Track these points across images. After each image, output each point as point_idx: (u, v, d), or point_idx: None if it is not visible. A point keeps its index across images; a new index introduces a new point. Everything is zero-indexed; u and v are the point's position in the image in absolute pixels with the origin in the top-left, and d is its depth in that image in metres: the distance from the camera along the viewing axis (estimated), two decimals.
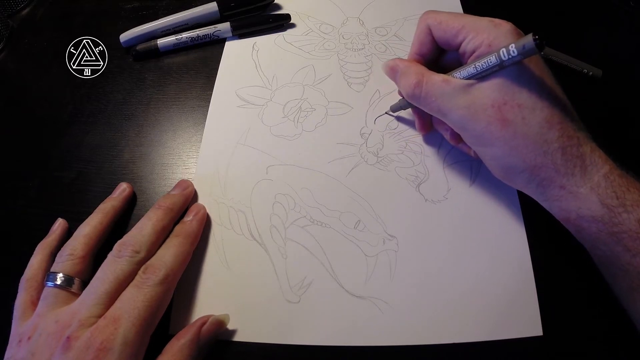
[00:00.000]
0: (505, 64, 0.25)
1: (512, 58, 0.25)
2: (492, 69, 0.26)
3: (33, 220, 0.34)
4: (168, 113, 0.39)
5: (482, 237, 0.31)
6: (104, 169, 0.37)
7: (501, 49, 0.25)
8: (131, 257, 0.27)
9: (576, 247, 0.28)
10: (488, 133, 0.27)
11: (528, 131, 0.26)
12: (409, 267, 0.31)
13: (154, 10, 0.47)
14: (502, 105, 0.26)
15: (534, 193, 0.28)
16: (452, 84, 0.28)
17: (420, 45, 0.31)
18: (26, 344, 0.25)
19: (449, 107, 0.28)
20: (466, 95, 0.27)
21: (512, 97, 0.26)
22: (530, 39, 0.24)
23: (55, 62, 0.44)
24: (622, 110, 0.37)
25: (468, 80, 0.28)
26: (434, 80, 0.29)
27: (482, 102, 0.27)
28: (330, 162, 0.35)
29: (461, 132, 0.29)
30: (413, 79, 0.30)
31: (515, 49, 0.24)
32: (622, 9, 0.44)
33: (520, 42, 0.24)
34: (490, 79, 0.27)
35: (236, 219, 0.33)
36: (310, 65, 0.41)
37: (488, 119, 0.26)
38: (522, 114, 0.26)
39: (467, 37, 0.28)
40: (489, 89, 0.27)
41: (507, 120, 0.26)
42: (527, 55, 0.24)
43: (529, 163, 0.26)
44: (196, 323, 0.27)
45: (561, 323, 0.28)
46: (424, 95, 0.29)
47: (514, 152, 0.26)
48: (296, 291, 0.30)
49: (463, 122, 0.28)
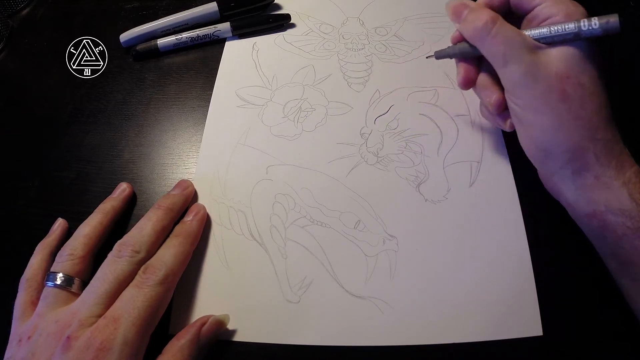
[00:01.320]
0: (582, 34, 0.25)
1: (591, 30, 0.25)
2: (566, 36, 0.26)
3: (33, 220, 0.34)
4: (168, 113, 0.39)
5: (482, 237, 0.31)
6: (104, 169, 0.37)
7: (582, 20, 0.25)
8: (131, 257, 0.27)
9: (576, 247, 0.28)
10: (544, 100, 0.26)
11: (582, 113, 0.26)
12: (409, 267, 0.31)
13: (154, 10, 0.47)
14: (565, 78, 0.26)
15: (565, 179, 0.27)
16: (523, 38, 0.27)
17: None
18: (26, 344, 0.25)
19: (515, 56, 0.27)
20: (534, 54, 0.27)
21: (577, 74, 0.26)
22: (616, 17, 0.24)
23: (55, 62, 0.44)
24: (622, 110, 0.37)
25: (538, 43, 0.27)
26: (506, 26, 0.27)
27: (547, 67, 0.26)
28: (330, 162, 0.35)
29: (515, 91, 0.28)
30: (486, 15, 0.28)
31: (598, 22, 0.24)
32: (622, 9, 0.44)
33: (604, 18, 0.24)
34: (560, 49, 0.26)
35: (236, 219, 0.33)
36: (310, 65, 0.41)
37: (549, 83, 0.26)
38: (581, 93, 0.26)
39: (545, 2, 0.27)
40: (557, 57, 0.26)
41: (566, 94, 0.26)
42: (607, 33, 0.24)
43: (573, 144, 0.26)
44: (196, 323, 0.27)
45: (561, 323, 0.28)
46: (494, 33, 0.27)
47: (564, 128, 0.26)
48: (296, 291, 0.30)
49: (522, 79, 0.27)
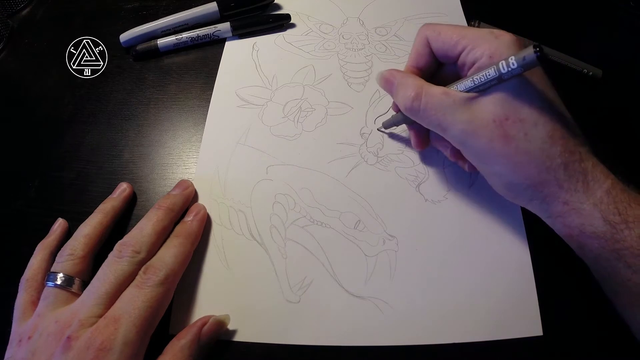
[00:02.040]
0: (504, 77, 0.24)
1: (511, 71, 0.24)
2: (491, 83, 0.25)
3: (33, 220, 0.34)
4: (168, 113, 0.39)
5: (482, 237, 0.31)
6: (104, 169, 0.37)
7: (500, 62, 0.24)
8: (132, 258, 0.27)
9: None
10: (490, 149, 0.26)
11: (530, 147, 0.25)
12: (409, 267, 0.31)
13: (154, 10, 0.47)
14: (504, 121, 0.25)
15: (537, 209, 0.27)
16: (452, 97, 0.27)
17: (417, 57, 0.30)
18: (26, 344, 0.25)
19: (449, 121, 0.27)
20: (467, 110, 0.26)
21: (514, 112, 0.25)
22: (531, 50, 0.23)
23: (55, 62, 0.44)
24: (622, 110, 0.37)
25: (468, 94, 0.27)
26: (433, 93, 0.28)
27: (483, 117, 0.26)
28: (330, 162, 0.35)
29: (461, 148, 0.28)
30: (411, 91, 0.28)
31: (515, 61, 0.23)
32: (622, 9, 0.44)
33: (520, 54, 0.23)
34: (491, 93, 0.26)
35: (236, 219, 0.33)
36: (310, 65, 0.41)
37: (490, 135, 0.26)
38: (524, 129, 0.25)
39: (467, 48, 0.27)
40: (491, 103, 0.26)
41: (509, 136, 0.25)
42: (528, 68, 0.24)
43: (532, 180, 0.26)
44: (197, 323, 0.27)
45: (561, 323, 0.28)
46: (422, 108, 0.28)
47: (516, 168, 0.26)
48: (296, 291, 0.30)
49: (463, 137, 0.27)
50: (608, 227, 0.24)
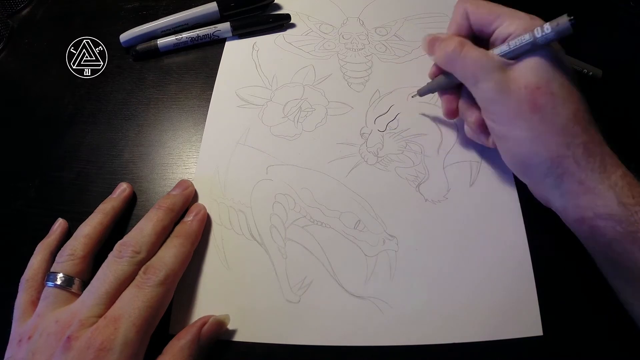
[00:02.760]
0: (538, 42, 0.26)
1: (545, 36, 0.25)
2: (524, 47, 0.26)
3: (33, 220, 0.34)
4: (168, 113, 0.39)
5: (482, 237, 0.31)
6: (104, 169, 0.37)
7: (535, 28, 0.26)
8: (132, 258, 0.27)
9: (576, 247, 0.28)
10: (516, 113, 0.27)
11: (556, 121, 0.26)
12: (409, 267, 0.31)
13: (154, 10, 0.47)
14: (535, 89, 0.26)
15: (549, 188, 0.27)
16: (490, 57, 0.28)
17: (457, 27, 0.31)
18: (26, 344, 0.25)
19: (484, 75, 0.28)
20: (502, 71, 0.27)
21: (546, 84, 0.26)
22: (565, 18, 0.25)
23: (55, 62, 0.44)
24: (622, 110, 0.37)
25: (505, 60, 0.28)
26: (474, 48, 0.29)
27: (516, 81, 0.27)
28: (330, 162, 0.35)
29: (488, 107, 0.29)
30: (455, 40, 0.29)
31: (549, 26, 0.25)
32: (622, 9, 0.44)
33: (554, 21, 0.25)
34: (526, 60, 0.27)
35: (236, 219, 0.33)
36: (310, 65, 0.41)
37: (519, 97, 0.27)
38: (553, 102, 0.26)
39: (503, 23, 0.28)
40: (525, 70, 0.27)
41: (537, 105, 0.26)
42: (561, 35, 0.25)
43: (551, 152, 0.26)
44: (197, 323, 0.27)
45: (561, 323, 0.28)
46: (462, 56, 0.29)
47: (538, 138, 0.26)
48: (296, 291, 0.30)
49: (493, 94, 0.28)
50: (622, 208, 0.24)
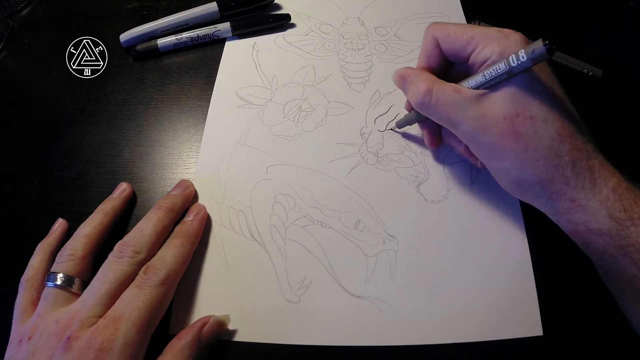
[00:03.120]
0: (514, 70, 0.25)
1: (521, 64, 0.24)
2: (501, 77, 0.26)
3: (33, 220, 0.34)
4: (168, 113, 0.39)
5: (483, 237, 0.31)
6: (104, 169, 0.37)
7: (510, 56, 0.25)
8: (132, 258, 0.27)
9: (576, 248, 0.28)
10: (499, 146, 0.26)
11: (540, 144, 0.25)
12: (409, 267, 0.31)
13: (154, 10, 0.47)
14: (514, 118, 0.26)
15: (543, 206, 0.28)
16: (462, 94, 0.27)
17: (427, 57, 0.30)
18: (26, 344, 0.25)
19: (460, 117, 0.27)
20: (477, 106, 0.27)
21: (524, 109, 0.25)
22: (540, 44, 0.23)
23: (55, 62, 0.44)
24: (622, 110, 0.37)
25: (479, 90, 0.27)
26: (444, 89, 0.28)
27: (493, 114, 0.26)
28: (330, 162, 0.35)
29: (471, 144, 0.29)
30: (423, 86, 0.29)
31: (525, 54, 0.24)
32: (622, 9, 0.44)
33: (529, 47, 0.24)
34: (501, 90, 0.26)
35: (236, 219, 0.33)
36: (310, 65, 0.41)
37: (500, 131, 0.26)
38: (534, 126, 0.25)
39: (477, 47, 0.27)
40: (501, 100, 0.26)
41: (519, 133, 0.26)
42: (537, 61, 0.24)
43: (540, 177, 0.26)
44: (197, 323, 0.27)
45: (561, 323, 0.28)
46: (433, 103, 0.28)
47: (525, 165, 0.26)
48: (296, 291, 0.30)
49: (473, 133, 0.27)
50: (614, 223, 0.24)
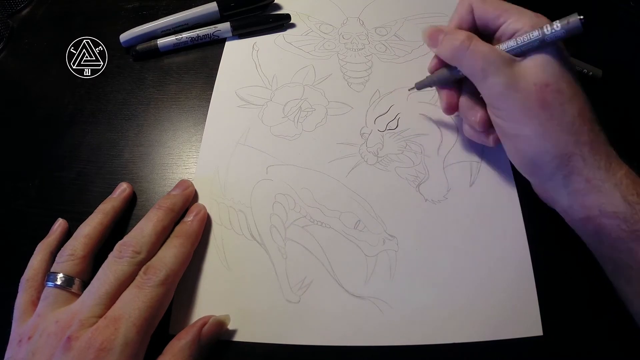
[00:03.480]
0: (547, 39, 0.26)
1: (554, 33, 0.25)
2: (532, 44, 0.26)
3: (33, 220, 0.34)
4: (168, 113, 0.39)
5: (482, 237, 0.31)
6: (104, 169, 0.37)
7: (545, 25, 0.26)
8: (132, 258, 0.27)
9: (576, 247, 0.28)
10: (525, 109, 0.27)
11: (564, 119, 0.26)
12: (409, 267, 0.31)
13: (154, 10, 0.47)
14: (544, 87, 0.26)
15: (557, 186, 0.27)
16: (499, 52, 0.28)
17: (460, 21, 0.31)
18: (26, 344, 0.25)
19: (492, 70, 0.27)
20: (511, 67, 0.27)
21: (555, 81, 0.26)
22: (575, 16, 0.25)
23: (55, 62, 0.44)
24: (622, 110, 0.37)
25: (512, 56, 0.28)
26: (482, 43, 0.28)
27: (525, 78, 0.27)
28: (330, 162, 0.35)
29: (496, 104, 0.28)
30: (462, 34, 0.29)
31: (559, 24, 0.25)
32: (622, 9, 0.44)
33: (564, 19, 0.25)
34: (534, 57, 0.27)
35: (236, 219, 0.33)
36: (310, 65, 0.41)
37: (528, 94, 0.26)
38: (561, 99, 0.26)
39: (509, 19, 0.28)
40: (534, 67, 0.27)
41: (546, 102, 0.26)
42: (571, 33, 0.25)
43: (561, 150, 0.26)
44: (197, 323, 0.27)
45: (561, 323, 0.28)
46: (470, 50, 0.28)
47: (548, 135, 0.26)
48: (296, 291, 0.30)
49: (502, 89, 0.27)
50: (627, 207, 0.25)
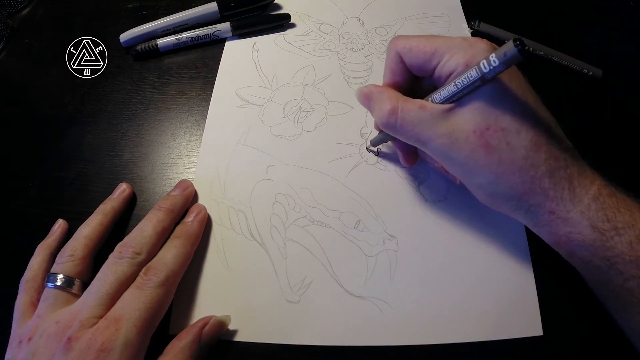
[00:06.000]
0: (487, 76, 0.23)
1: (494, 69, 0.23)
2: (474, 84, 0.24)
3: (33, 220, 0.34)
4: (168, 113, 0.39)
5: (482, 237, 0.31)
6: (104, 169, 0.37)
7: (481, 62, 0.23)
8: (132, 259, 0.27)
9: None
10: (472, 161, 0.25)
11: (514, 156, 0.24)
12: (409, 267, 0.31)
13: (154, 10, 0.47)
14: (485, 131, 0.24)
15: (523, 219, 0.27)
16: (429, 110, 0.26)
17: (392, 74, 0.29)
18: (26, 345, 0.25)
19: (428, 135, 0.26)
20: (445, 122, 0.25)
21: (495, 121, 0.24)
22: (511, 45, 0.21)
23: (55, 62, 0.44)
24: (622, 110, 0.37)
25: (446, 105, 0.26)
26: (409, 107, 0.26)
27: (463, 129, 0.25)
28: (330, 162, 0.35)
29: (443, 162, 0.27)
30: (387, 105, 0.27)
31: (496, 58, 0.22)
32: (622, 9, 0.44)
33: (500, 50, 0.22)
34: (469, 103, 0.25)
35: (236, 219, 0.33)
36: (310, 65, 0.41)
37: (471, 146, 0.25)
38: (506, 138, 0.24)
39: (442, 59, 0.26)
40: (470, 113, 0.25)
41: (491, 147, 0.24)
42: (510, 64, 0.22)
43: (516, 190, 0.25)
44: (197, 324, 0.27)
45: (561, 323, 0.28)
46: (399, 123, 0.27)
47: (500, 180, 0.25)
48: (296, 291, 0.30)
49: (444, 150, 0.26)
50: (597, 234, 0.24)
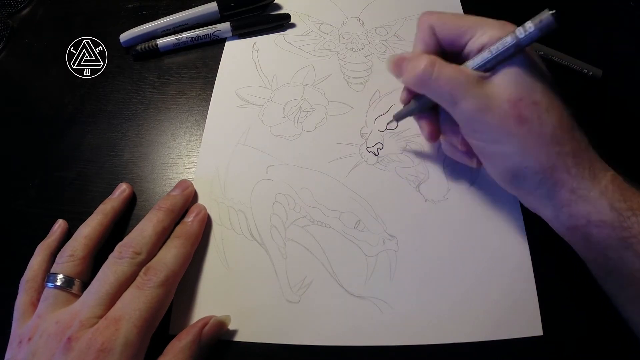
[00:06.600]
0: (522, 42, 0.24)
1: (529, 35, 0.24)
2: (508, 52, 0.25)
3: (33, 220, 0.35)
4: (168, 113, 0.39)
5: (482, 237, 0.31)
6: (104, 169, 0.37)
7: (517, 29, 0.24)
8: (132, 259, 0.27)
9: None
10: (502, 128, 0.26)
11: (543, 131, 0.25)
12: (409, 267, 0.31)
13: (154, 10, 0.47)
14: (518, 102, 0.25)
15: (542, 198, 0.27)
16: (465, 73, 0.26)
17: (423, 45, 0.29)
18: (26, 345, 0.25)
19: (461, 94, 0.26)
20: (479, 88, 0.26)
21: (529, 94, 0.25)
22: (547, 12, 0.23)
23: (55, 62, 0.44)
24: (622, 110, 0.37)
25: (482, 73, 0.27)
26: (446, 66, 0.27)
27: (497, 96, 0.26)
28: (330, 162, 0.35)
29: (469, 126, 0.27)
30: (424, 60, 0.27)
31: (532, 24, 0.24)
32: (622, 9, 0.44)
33: (536, 18, 0.24)
34: (503, 72, 0.26)
35: (236, 219, 0.33)
36: (310, 65, 0.41)
37: (503, 113, 0.25)
38: (538, 112, 0.25)
39: (475, 35, 0.27)
40: (504, 82, 0.26)
41: (523, 118, 0.25)
42: (545, 31, 0.24)
43: (543, 164, 0.25)
44: (197, 324, 0.27)
45: (561, 323, 0.28)
46: (435, 76, 0.27)
47: (528, 151, 0.26)
48: (296, 291, 0.30)
49: (474, 113, 0.26)
50: (615, 214, 0.24)
